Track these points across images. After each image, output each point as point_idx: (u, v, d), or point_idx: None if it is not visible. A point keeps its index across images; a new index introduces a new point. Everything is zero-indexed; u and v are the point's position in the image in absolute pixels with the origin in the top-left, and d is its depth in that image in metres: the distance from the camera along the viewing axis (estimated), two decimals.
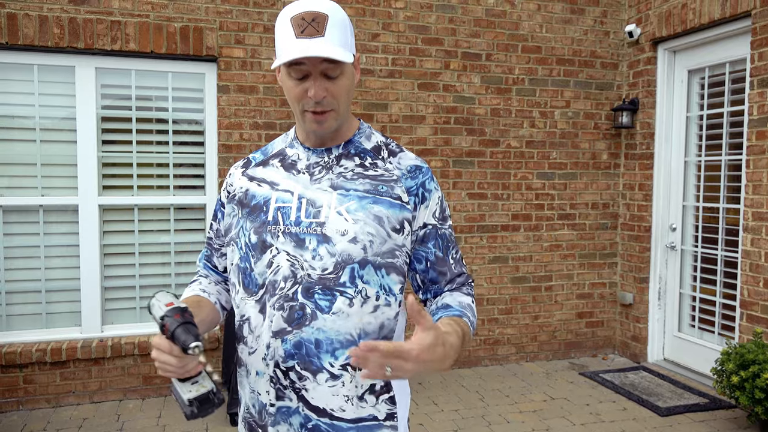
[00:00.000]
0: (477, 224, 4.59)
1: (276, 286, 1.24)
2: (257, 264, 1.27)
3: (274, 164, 1.35)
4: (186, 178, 4.13)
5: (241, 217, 1.32)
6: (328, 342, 1.22)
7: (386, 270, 1.25)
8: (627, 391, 4.08)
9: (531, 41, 4.63)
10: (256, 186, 1.33)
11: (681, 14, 4.28)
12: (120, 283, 4.04)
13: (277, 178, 1.32)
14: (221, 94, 4.03)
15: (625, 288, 4.90)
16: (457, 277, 1.36)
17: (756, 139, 3.75)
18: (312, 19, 1.16)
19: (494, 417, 3.70)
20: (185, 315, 1.13)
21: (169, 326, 1.11)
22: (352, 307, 1.22)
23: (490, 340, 4.68)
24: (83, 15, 3.75)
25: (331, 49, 1.16)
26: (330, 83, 1.20)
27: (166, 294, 1.21)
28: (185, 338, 1.09)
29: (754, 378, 3.21)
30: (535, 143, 4.69)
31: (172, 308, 1.13)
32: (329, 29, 1.17)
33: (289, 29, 1.17)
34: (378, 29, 4.29)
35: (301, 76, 1.19)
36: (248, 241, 1.29)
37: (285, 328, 1.23)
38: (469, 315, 1.28)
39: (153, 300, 1.20)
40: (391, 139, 1.38)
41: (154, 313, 1.18)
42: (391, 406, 1.29)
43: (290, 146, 1.36)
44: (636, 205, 4.77)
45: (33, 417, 3.66)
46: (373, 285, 1.24)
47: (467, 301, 1.32)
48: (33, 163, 3.84)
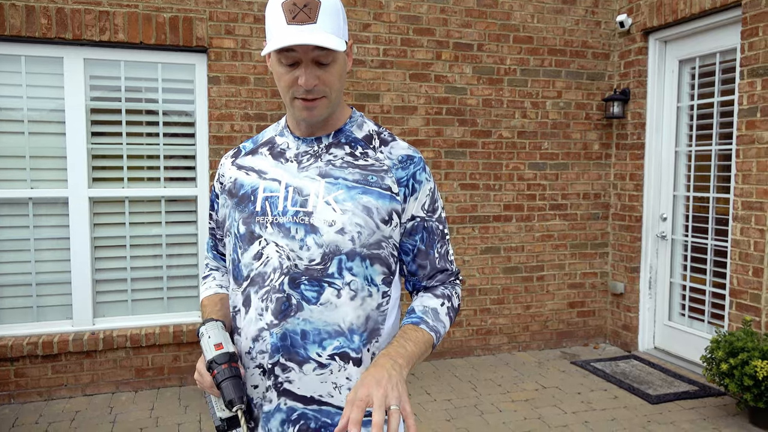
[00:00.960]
0: (469, 215, 4.60)
1: (265, 278, 1.23)
2: (244, 255, 1.26)
3: (263, 152, 1.33)
4: (177, 170, 4.11)
5: (231, 208, 1.31)
6: (315, 332, 1.21)
7: (370, 261, 1.24)
8: (618, 380, 4.11)
9: (522, 31, 4.62)
10: (244, 175, 1.32)
11: (672, 4, 4.28)
12: (111, 275, 4.02)
13: (264, 166, 1.30)
14: (212, 85, 4.00)
15: (616, 278, 4.93)
16: (438, 272, 1.33)
17: (746, 129, 3.77)
18: (304, 5, 1.14)
19: (487, 406, 3.73)
20: (232, 366, 1.18)
21: (216, 374, 1.18)
22: (340, 298, 1.21)
23: (483, 330, 4.70)
24: (71, 5, 3.70)
25: (324, 36, 1.13)
26: (321, 71, 1.18)
27: (216, 327, 1.25)
28: (231, 397, 1.16)
29: (742, 365, 3.25)
30: (527, 134, 4.70)
31: (222, 353, 1.19)
32: (321, 16, 1.14)
33: (280, 14, 1.15)
34: (369, 19, 4.27)
35: (292, 62, 1.17)
36: (237, 231, 1.28)
37: (272, 321, 1.22)
38: (428, 320, 1.27)
39: (202, 329, 1.25)
40: (383, 128, 1.36)
41: (203, 347, 1.23)
42: None
43: (280, 135, 1.34)
44: (627, 195, 4.79)
45: (25, 410, 3.65)
46: (359, 276, 1.23)
47: (433, 305, 1.30)
48: (22, 155, 3.80)
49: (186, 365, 4.04)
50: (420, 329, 1.24)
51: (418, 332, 1.23)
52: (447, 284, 1.35)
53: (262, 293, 1.23)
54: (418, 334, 1.23)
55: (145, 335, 3.91)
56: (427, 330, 1.25)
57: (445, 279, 1.35)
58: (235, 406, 1.16)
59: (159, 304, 4.12)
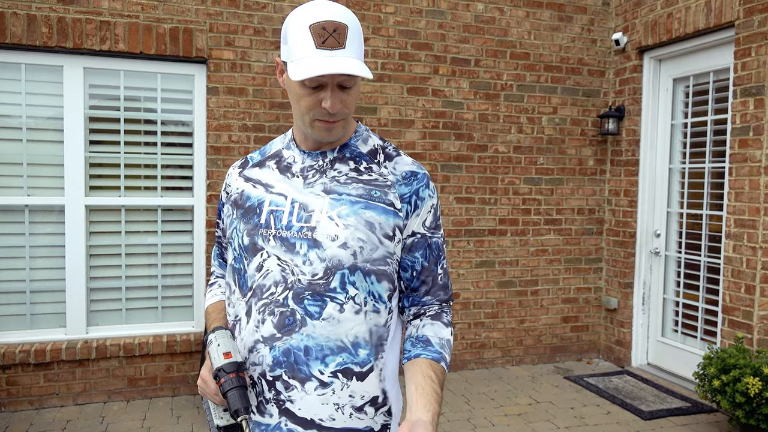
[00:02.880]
0: (464, 228, 4.62)
1: (264, 290, 1.23)
2: (249, 266, 1.27)
3: (270, 166, 1.34)
4: (174, 180, 4.12)
5: (235, 218, 1.32)
6: (318, 348, 1.21)
7: (376, 277, 1.24)
8: (611, 395, 4.12)
9: (519, 48, 4.68)
10: (251, 187, 1.33)
11: (667, 23, 4.35)
12: (106, 284, 4.01)
13: (271, 180, 1.31)
14: (210, 95, 4.03)
15: (609, 293, 4.95)
16: (440, 290, 1.33)
17: (738, 148, 3.81)
18: (333, 29, 1.13)
19: (480, 420, 3.72)
20: (240, 376, 1.19)
21: (224, 383, 1.19)
22: (343, 312, 1.21)
23: (477, 343, 4.71)
24: (72, 15, 3.73)
25: (355, 64, 1.13)
26: (344, 94, 1.19)
27: (225, 336, 1.25)
28: (237, 407, 1.17)
29: (734, 382, 3.26)
30: (523, 149, 4.73)
31: (231, 362, 1.20)
32: (349, 41, 1.14)
33: (308, 37, 1.13)
34: (368, 33, 4.31)
35: (317, 85, 1.17)
36: (241, 242, 1.28)
37: (274, 334, 1.21)
38: (446, 355, 1.28)
39: (212, 336, 1.25)
40: (388, 143, 1.36)
41: (210, 354, 1.24)
42: (387, 418, 1.29)
43: (287, 147, 1.35)
44: (621, 211, 4.83)
45: (16, 419, 3.62)
46: (362, 291, 1.22)
47: (447, 336, 1.31)
48: (19, 162, 3.81)
49: (179, 375, 4.03)
50: (441, 367, 1.26)
51: (441, 372, 1.26)
52: (445, 307, 1.35)
53: (260, 305, 1.24)
54: (441, 377, 1.25)
55: (138, 344, 3.90)
56: (445, 367, 1.27)
57: (446, 298, 1.35)
58: (241, 416, 1.17)
59: (153, 313, 4.11)
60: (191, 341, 4.01)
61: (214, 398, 1.24)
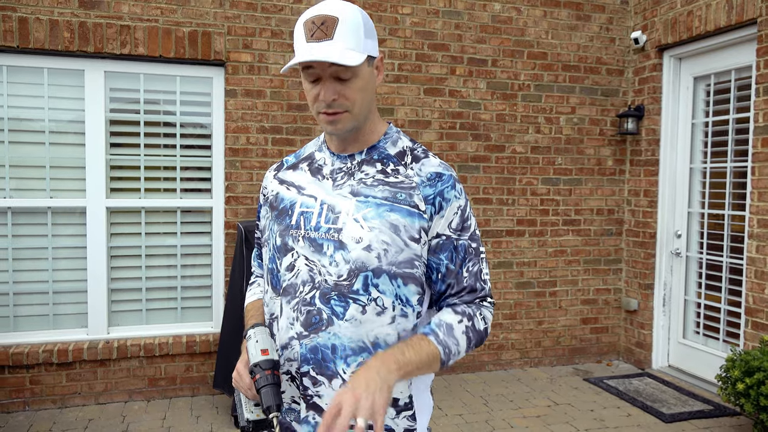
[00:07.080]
0: (482, 229, 4.60)
1: (296, 290, 1.26)
2: (281, 266, 1.30)
3: (303, 168, 1.37)
4: (193, 182, 4.16)
5: (270, 219, 1.36)
6: (342, 348, 1.22)
7: (403, 280, 1.23)
8: (631, 397, 4.07)
9: (537, 47, 4.65)
10: (285, 189, 1.36)
11: (687, 21, 4.29)
12: (126, 285, 4.06)
13: (303, 182, 1.34)
14: (228, 98, 4.06)
15: (629, 294, 4.90)
16: (466, 292, 1.28)
17: (761, 146, 3.75)
18: (321, 22, 1.17)
19: (498, 422, 3.70)
20: (275, 374, 1.22)
21: (258, 379, 1.21)
22: (365, 314, 1.22)
23: (495, 345, 4.68)
24: (93, 19, 3.78)
25: (336, 52, 1.15)
26: (342, 86, 1.20)
27: (264, 333, 1.28)
28: (269, 404, 1.19)
29: (759, 385, 3.21)
30: (541, 149, 4.70)
31: (267, 360, 1.22)
32: (339, 32, 1.17)
33: (302, 33, 1.20)
34: (385, 35, 4.32)
35: (314, 78, 1.21)
36: (275, 243, 1.32)
37: (302, 332, 1.25)
38: (439, 333, 1.22)
39: (251, 332, 1.29)
40: (418, 144, 1.35)
41: (248, 349, 1.26)
42: (411, 423, 1.29)
43: (319, 150, 1.37)
44: (641, 211, 4.77)
45: (39, 417, 3.68)
46: (388, 295, 1.22)
47: (449, 320, 1.24)
48: (42, 165, 3.87)
49: (198, 375, 4.06)
50: (427, 339, 1.21)
51: (423, 341, 1.20)
52: (472, 304, 1.30)
53: (293, 303, 1.27)
54: (423, 344, 1.19)
55: (158, 345, 3.94)
56: (434, 342, 1.21)
57: (472, 299, 1.30)
58: (272, 413, 1.19)
59: (173, 314, 4.15)
60: (210, 342, 4.04)
61: (248, 392, 1.27)
